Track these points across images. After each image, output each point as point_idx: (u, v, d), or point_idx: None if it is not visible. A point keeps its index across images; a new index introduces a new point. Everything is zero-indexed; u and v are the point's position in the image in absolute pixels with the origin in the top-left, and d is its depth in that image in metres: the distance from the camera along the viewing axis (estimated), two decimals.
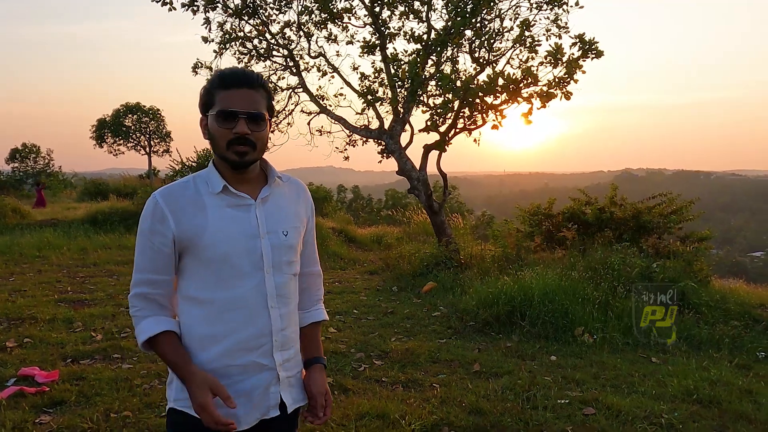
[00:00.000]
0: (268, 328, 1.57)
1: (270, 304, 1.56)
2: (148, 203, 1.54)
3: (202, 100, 1.57)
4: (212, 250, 1.50)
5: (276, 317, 1.58)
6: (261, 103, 1.54)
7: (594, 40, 7.44)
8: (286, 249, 1.61)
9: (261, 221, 1.57)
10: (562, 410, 3.68)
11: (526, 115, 7.53)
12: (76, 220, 14.15)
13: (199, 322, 1.54)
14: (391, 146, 9.66)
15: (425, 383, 4.16)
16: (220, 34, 10.22)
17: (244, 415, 1.55)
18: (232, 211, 1.55)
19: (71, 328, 5.47)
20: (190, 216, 1.51)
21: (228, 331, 1.52)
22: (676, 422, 3.53)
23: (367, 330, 5.73)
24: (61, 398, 3.67)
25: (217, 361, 1.53)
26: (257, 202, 1.58)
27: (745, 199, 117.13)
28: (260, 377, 1.58)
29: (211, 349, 1.53)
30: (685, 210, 9.02)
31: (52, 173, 40.35)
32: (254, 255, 1.54)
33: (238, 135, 1.49)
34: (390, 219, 22.25)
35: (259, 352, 1.56)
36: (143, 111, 37.18)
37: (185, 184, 1.57)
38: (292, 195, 1.70)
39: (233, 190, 1.55)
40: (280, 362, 1.60)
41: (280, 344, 1.60)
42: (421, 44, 9.22)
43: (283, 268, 1.60)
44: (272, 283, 1.57)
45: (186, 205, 1.52)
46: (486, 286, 6.52)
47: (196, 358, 1.53)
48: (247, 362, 1.55)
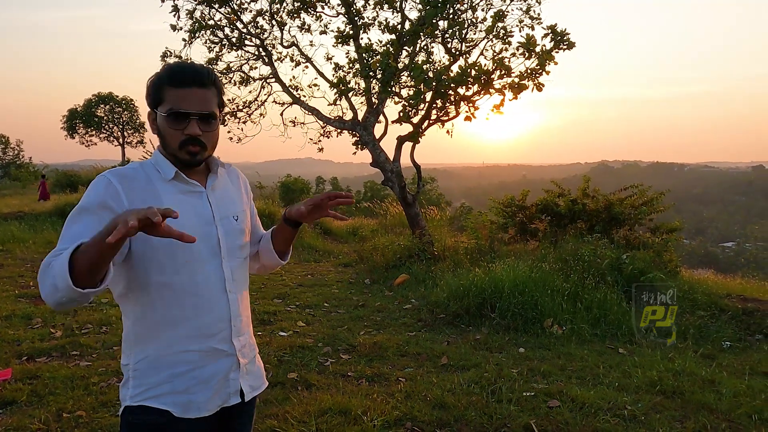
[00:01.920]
0: (227, 314, 1.55)
1: (228, 288, 1.55)
2: (97, 180, 1.44)
3: (149, 93, 1.50)
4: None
5: (234, 301, 1.57)
6: (212, 102, 1.49)
7: (566, 32, 7.42)
8: (238, 233, 1.62)
9: (214, 208, 1.57)
10: (527, 403, 3.66)
11: (497, 107, 7.50)
12: (43, 212, 13.81)
13: (154, 306, 1.48)
14: (364, 138, 9.57)
15: (391, 377, 4.11)
16: (190, 23, 9.99)
17: (204, 401, 1.52)
18: (186, 197, 1.52)
19: (30, 324, 5.30)
20: (143, 198, 1.43)
21: (186, 315, 1.49)
22: (639, 413, 3.53)
23: (336, 323, 5.66)
24: (12, 398, 3.53)
25: (175, 345, 1.49)
26: (208, 190, 1.57)
27: (717, 191, 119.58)
28: (220, 363, 1.55)
29: (168, 333, 1.48)
30: (656, 201, 9.11)
31: (21, 164, 39.42)
32: (211, 240, 1.53)
33: (189, 136, 1.46)
34: (368, 211, 22.18)
35: (218, 338, 1.54)
36: (116, 101, 36.45)
37: (135, 169, 1.51)
38: (234, 181, 1.71)
39: (185, 177, 1.53)
40: (239, 348, 1.59)
41: (237, 330, 1.58)
42: (395, 34, 9.12)
43: (236, 253, 1.60)
44: (228, 267, 1.56)
45: (138, 187, 1.46)
46: (457, 279, 6.50)
47: (152, 346, 1.49)
48: (207, 348, 1.52)
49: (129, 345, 1.54)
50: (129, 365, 1.52)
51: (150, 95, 1.50)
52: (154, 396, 1.48)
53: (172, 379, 1.49)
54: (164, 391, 1.48)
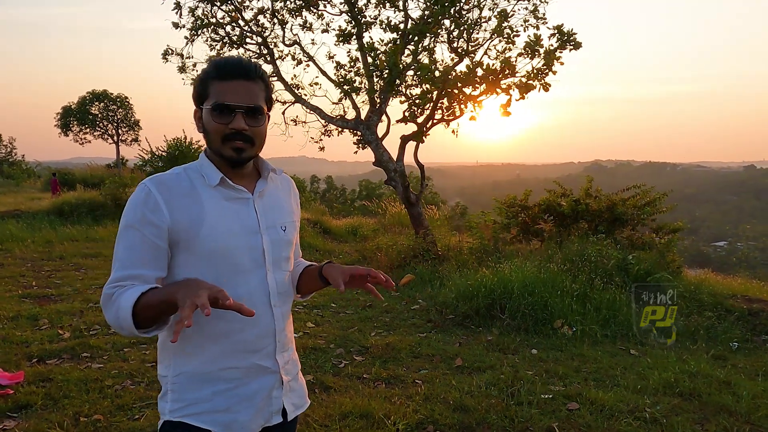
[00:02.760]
0: (271, 328, 1.48)
1: (273, 303, 1.48)
2: (137, 192, 1.39)
3: (195, 90, 1.44)
4: (210, 244, 1.37)
5: (279, 316, 1.50)
6: (259, 96, 1.42)
7: (572, 32, 7.41)
8: (285, 245, 1.53)
9: (260, 216, 1.48)
10: (546, 406, 3.65)
11: (505, 106, 7.49)
12: (40, 211, 13.70)
13: (195, 321, 1.38)
14: (367, 137, 9.53)
15: (407, 379, 4.09)
16: (192, 20, 9.92)
17: (247, 420, 1.45)
18: (230, 204, 1.44)
19: (36, 325, 5.23)
20: (185, 207, 1.37)
21: (228, 330, 1.42)
22: (659, 416, 3.52)
23: (346, 324, 5.63)
24: (27, 401, 3.48)
25: (217, 362, 1.42)
26: (255, 196, 1.48)
27: (709, 191, 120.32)
28: (263, 381, 1.48)
29: (209, 348, 1.41)
30: (658, 202, 9.13)
31: (14, 162, 39.12)
32: (256, 251, 1.45)
33: (234, 130, 1.39)
34: (364, 210, 22.15)
35: (262, 354, 1.47)
36: (110, 99, 36.19)
37: (178, 175, 1.43)
38: (285, 189, 1.63)
39: (231, 182, 1.44)
40: (282, 364, 1.52)
41: (281, 345, 1.51)
42: (398, 33, 9.09)
43: (281, 265, 1.52)
44: (273, 280, 1.48)
45: (180, 195, 1.38)
46: (465, 279, 6.48)
47: (193, 361, 1.42)
48: (250, 364, 1.45)
49: (167, 356, 1.47)
50: (167, 377, 1.46)
51: (196, 91, 1.44)
52: (195, 414, 1.42)
53: (213, 397, 1.42)
54: (205, 409, 1.42)
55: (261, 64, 1.50)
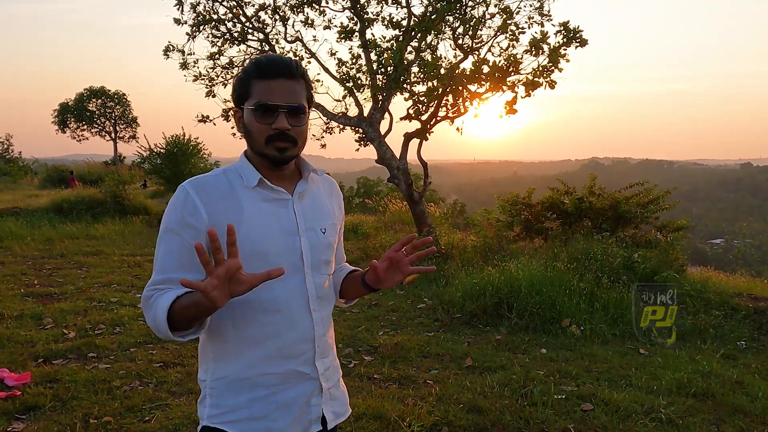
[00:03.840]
0: (311, 334, 1.43)
1: (312, 307, 1.44)
2: (177, 194, 1.37)
3: (236, 90, 1.41)
4: (248, 246, 1.33)
5: (318, 321, 1.45)
6: (301, 95, 1.39)
7: (578, 29, 7.37)
8: (325, 247, 1.48)
9: (299, 217, 1.44)
10: (560, 406, 3.61)
11: (510, 104, 7.44)
12: (39, 208, 13.61)
13: (232, 324, 1.38)
14: (370, 134, 9.47)
15: (419, 380, 4.05)
16: (193, 16, 9.84)
17: (284, 428, 1.41)
18: (269, 206, 1.41)
19: (41, 324, 5.18)
20: (223, 209, 1.35)
21: (266, 334, 1.38)
22: (674, 417, 3.49)
23: (353, 324, 5.59)
24: (35, 403, 3.42)
25: (255, 367, 1.39)
26: (294, 198, 1.45)
27: (706, 188, 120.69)
28: (302, 387, 1.44)
29: (247, 353, 1.38)
30: (661, 200, 9.10)
31: (11, 159, 38.90)
32: (294, 254, 1.41)
33: (278, 130, 1.35)
34: (364, 207, 22.09)
35: (301, 360, 1.43)
36: (108, 95, 36.02)
37: (217, 177, 1.41)
38: (326, 191, 1.59)
39: (270, 183, 1.41)
40: (322, 371, 1.47)
41: (321, 351, 1.47)
42: (400, 30, 9.03)
43: (321, 268, 1.48)
44: (312, 284, 1.44)
45: (219, 197, 1.37)
46: (470, 277, 6.44)
47: (231, 366, 1.39)
48: (288, 370, 1.41)
49: (206, 360, 1.45)
50: (206, 381, 1.44)
51: (236, 91, 1.40)
52: (233, 421, 1.39)
53: (251, 404, 1.39)
54: (243, 417, 1.39)
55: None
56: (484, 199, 10.77)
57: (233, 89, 1.42)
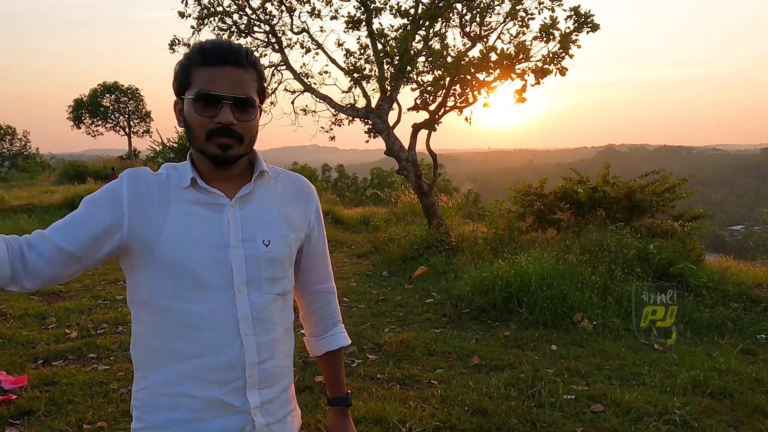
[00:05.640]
0: (240, 360, 1.23)
1: (243, 330, 1.23)
2: (115, 179, 1.26)
3: (176, 78, 1.25)
4: (170, 255, 1.19)
5: (251, 346, 1.24)
6: (250, 86, 1.22)
7: (590, 13, 7.13)
8: (267, 262, 1.27)
9: (234, 226, 1.24)
10: (569, 408, 3.47)
11: (519, 92, 7.25)
12: (52, 205, 13.70)
13: (154, 332, 1.23)
14: (378, 125, 9.33)
15: (423, 380, 3.93)
16: (198, 9, 9.74)
17: None
18: (201, 210, 1.23)
19: (44, 324, 5.14)
20: (148, 208, 1.21)
21: (188, 351, 1.21)
22: (689, 419, 3.33)
23: (359, 320, 5.48)
24: (30, 407, 3.36)
25: (176, 385, 1.22)
26: (232, 202, 1.25)
27: (725, 174, 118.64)
28: (227, 421, 1.24)
29: (169, 366, 1.22)
30: (678, 188, 8.85)
31: (29, 155, 39.39)
32: (223, 268, 1.22)
33: (221, 124, 1.19)
34: (376, 198, 21.95)
35: (227, 389, 1.23)
36: (121, 90, 36.22)
37: (159, 173, 1.27)
38: (287, 194, 1.36)
39: (203, 184, 1.23)
40: (256, 404, 1.26)
41: (257, 381, 1.26)
42: (408, 18, 8.84)
43: (262, 286, 1.26)
44: (246, 303, 1.23)
45: (149, 194, 1.22)
46: (480, 271, 6.29)
47: (154, 377, 1.23)
48: (211, 397, 1.22)
49: (135, 364, 1.30)
50: (132, 390, 1.30)
51: (176, 79, 1.24)
52: None
53: (171, 426, 1.22)
54: None
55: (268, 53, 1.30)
56: (499, 189, 10.54)
57: (174, 77, 1.25)
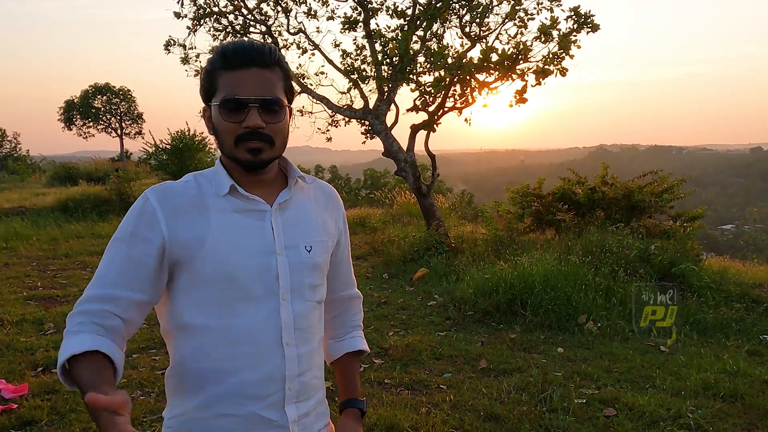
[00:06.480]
0: (281, 373, 1.19)
1: (285, 340, 1.19)
2: (137, 202, 1.19)
3: (202, 86, 1.21)
4: (213, 267, 1.14)
5: (292, 358, 1.20)
6: (277, 86, 1.18)
7: (590, 14, 7.12)
8: (310, 269, 1.24)
9: (278, 232, 1.21)
10: (582, 412, 3.43)
11: (520, 93, 7.22)
12: (45, 207, 13.54)
13: (191, 355, 1.18)
14: (376, 126, 9.27)
15: (431, 384, 3.88)
16: (194, 9, 9.65)
17: None
18: (242, 218, 1.19)
19: (42, 330, 5.05)
20: (188, 222, 1.16)
21: (228, 368, 1.16)
22: (703, 422, 3.30)
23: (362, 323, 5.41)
24: (32, 417, 3.28)
25: (212, 407, 1.17)
26: (273, 208, 1.22)
27: (715, 174, 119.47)
28: None
29: (208, 390, 1.17)
30: (676, 188, 8.86)
31: (19, 157, 39.00)
32: (268, 275, 1.18)
33: (249, 129, 1.14)
34: (371, 200, 21.88)
35: (266, 404, 1.18)
36: (113, 92, 35.95)
37: (186, 183, 1.22)
38: (320, 201, 1.34)
39: (243, 191, 1.20)
40: (294, 418, 1.22)
41: (296, 394, 1.22)
42: (405, 19, 8.80)
43: (304, 294, 1.23)
44: (289, 312, 1.20)
45: (184, 207, 1.17)
46: (482, 273, 6.25)
47: (187, 403, 1.19)
48: (247, 413, 1.17)
49: (168, 392, 1.25)
50: (165, 417, 1.25)
51: (202, 87, 1.21)
52: None
53: None
54: None
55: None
56: (492, 189, 10.53)
57: (200, 84, 1.21)
